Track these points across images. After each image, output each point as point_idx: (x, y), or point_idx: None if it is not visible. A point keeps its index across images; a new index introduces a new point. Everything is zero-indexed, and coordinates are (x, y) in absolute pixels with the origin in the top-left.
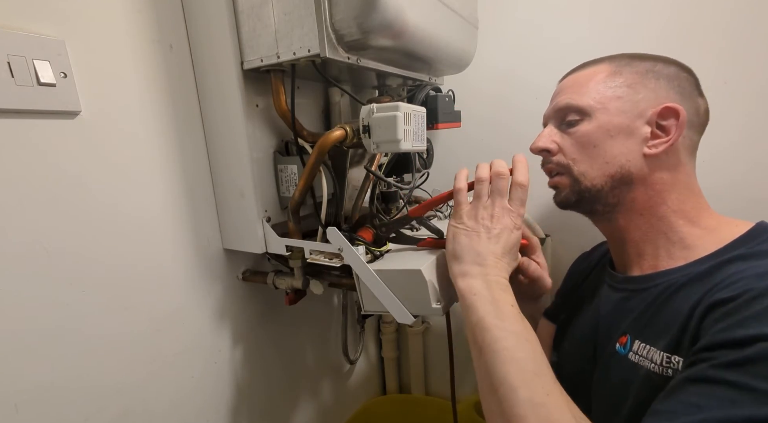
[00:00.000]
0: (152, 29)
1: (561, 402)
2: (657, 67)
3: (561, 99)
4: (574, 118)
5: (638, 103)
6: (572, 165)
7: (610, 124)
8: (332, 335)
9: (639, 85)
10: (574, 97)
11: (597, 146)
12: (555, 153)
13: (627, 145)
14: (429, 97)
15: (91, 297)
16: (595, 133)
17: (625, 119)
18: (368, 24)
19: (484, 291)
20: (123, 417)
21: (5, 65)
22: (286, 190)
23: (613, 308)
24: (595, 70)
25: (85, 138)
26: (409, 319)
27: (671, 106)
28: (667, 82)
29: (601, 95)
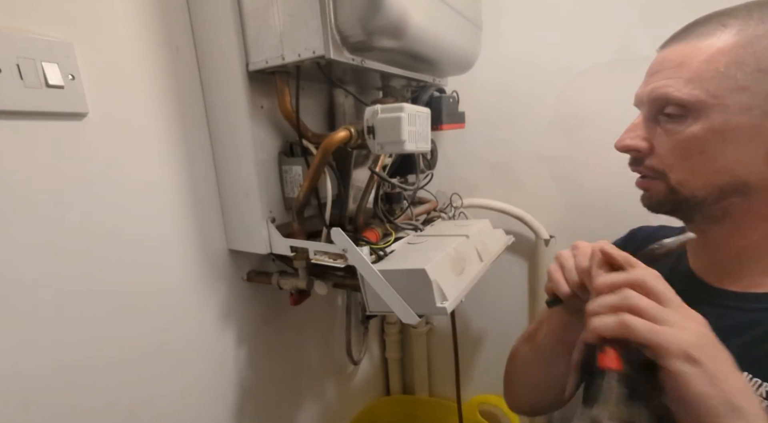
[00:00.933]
0: (159, 32)
1: None
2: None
3: (659, 84)
4: (676, 113)
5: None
6: (668, 172)
7: (727, 127)
8: (336, 336)
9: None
10: (677, 84)
11: (705, 152)
12: (646, 154)
13: (748, 151)
14: (433, 98)
15: (97, 297)
16: (705, 137)
17: (751, 118)
18: (372, 25)
19: None
20: (128, 416)
21: (14, 67)
22: (291, 190)
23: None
24: (713, 42)
25: (92, 139)
26: (413, 318)
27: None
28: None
29: (718, 86)
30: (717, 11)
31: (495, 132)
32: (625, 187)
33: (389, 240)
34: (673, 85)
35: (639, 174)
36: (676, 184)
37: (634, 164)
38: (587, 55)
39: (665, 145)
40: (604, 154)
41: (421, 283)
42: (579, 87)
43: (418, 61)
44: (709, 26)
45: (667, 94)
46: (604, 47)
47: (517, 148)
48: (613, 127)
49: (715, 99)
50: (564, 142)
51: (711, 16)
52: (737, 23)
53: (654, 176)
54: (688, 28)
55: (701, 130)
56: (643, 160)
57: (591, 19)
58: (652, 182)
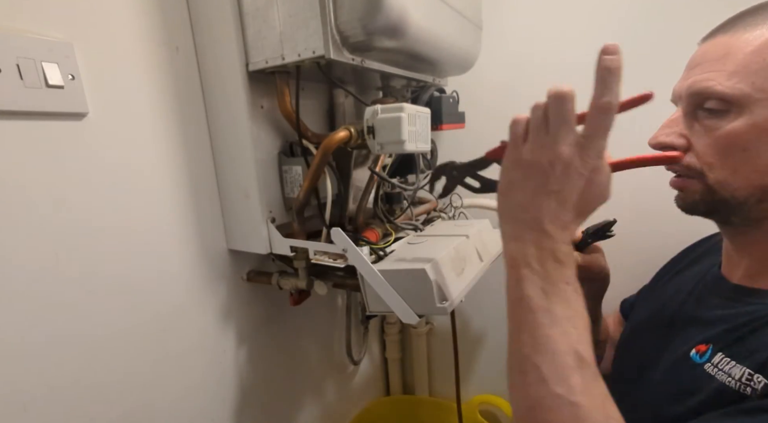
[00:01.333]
0: (159, 32)
1: (596, 402)
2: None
3: (699, 78)
4: (717, 108)
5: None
6: (707, 171)
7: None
8: (336, 336)
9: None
10: (720, 77)
11: (747, 150)
12: (683, 151)
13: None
14: (433, 98)
15: (97, 297)
16: (748, 133)
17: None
18: (372, 25)
19: (536, 263)
20: (128, 416)
21: (14, 67)
22: (291, 190)
23: (703, 313)
24: (762, 32)
25: (92, 139)
26: (413, 319)
27: None
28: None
29: (766, 79)
30: (747, 9)
31: (495, 131)
32: (626, 187)
33: (389, 240)
34: (715, 79)
35: (674, 173)
36: (715, 183)
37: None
38: (588, 53)
39: (704, 141)
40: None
41: (421, 283)
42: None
43: (418, 61)
44: (758, 17)
45: (709, 87)
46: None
47: None
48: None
49: (761, 93)
50: None
51: (759, 7)
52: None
53: (690, 175)
54: (734, 19)
55: (744, 126)
56: (679, 159)
57: (591, 17)
58: (688, 181)
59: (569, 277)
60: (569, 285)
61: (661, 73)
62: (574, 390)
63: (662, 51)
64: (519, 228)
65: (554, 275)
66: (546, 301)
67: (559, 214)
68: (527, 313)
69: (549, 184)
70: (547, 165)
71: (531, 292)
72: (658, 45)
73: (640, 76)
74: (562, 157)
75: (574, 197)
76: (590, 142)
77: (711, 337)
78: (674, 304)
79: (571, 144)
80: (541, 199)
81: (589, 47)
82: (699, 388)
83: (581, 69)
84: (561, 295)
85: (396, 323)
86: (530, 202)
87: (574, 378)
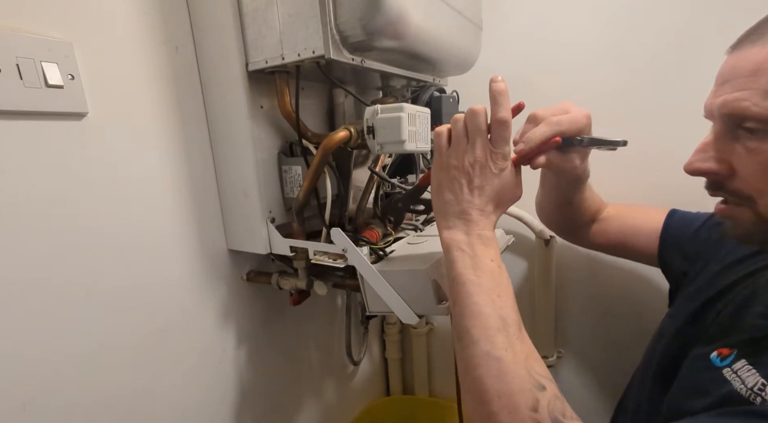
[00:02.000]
0: (158, 31)
1: (519, 358)
2: None
3: (731, 97)
4: (759, 128)
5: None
6: (757, 198)
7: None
8: (336, 336)
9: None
10: (755, 97)
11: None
12: (726, 177)
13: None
14: (433, 98)
15: (96, 298)
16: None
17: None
18: (372, 25)
19: (465, 246)
20: (128, 417)
21: (14, 67)
22: (291, 190)
23: (740, 317)
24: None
25: (92, 139)
26: (413, 319)
27: None
28: None
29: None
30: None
31: None
32: (626, 187)
33: (389, 240)
34: (750, 98)
35: (719, 199)
36: (767, 211)
37: (713, 189)
38: (591, 54)
39: (750, 166)
40: (605, 152)
41: (421, 283)
42: (578, 83)
43: (418, 60)
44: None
45: (743, 108)
46: (607, 42)
47: None
48: (614, 125)
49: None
50: None
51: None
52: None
53: (739, 202)
54: (758, 30)
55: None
56: (723, 184)
57: (591, 17)
58: (736, 209)
59: (493, 255)
60: (493, 262)
61: (661, 72)
62: (498, 347)
63: (662, 49)
64: (451, 219)
65: (480, 254)
66: (474, 275)
67: (482, 206)
68: (460, 287)
69: (471, 182)
70: (468, 166)
71: (461, 270)
72: (658, 44)
73: (640, 74)
74: (479, 159)
75: (491, 192)
76: (496, 148)
77: (737, 342)
78: (716, 291)
79: (485, 149)
80: (465, 194)
81: (589, 47)
82: (710, 391)
83: (581, 68)
84: (486, 270)
85: (396, 323)
86: (457, 197)
87: (498, 337)
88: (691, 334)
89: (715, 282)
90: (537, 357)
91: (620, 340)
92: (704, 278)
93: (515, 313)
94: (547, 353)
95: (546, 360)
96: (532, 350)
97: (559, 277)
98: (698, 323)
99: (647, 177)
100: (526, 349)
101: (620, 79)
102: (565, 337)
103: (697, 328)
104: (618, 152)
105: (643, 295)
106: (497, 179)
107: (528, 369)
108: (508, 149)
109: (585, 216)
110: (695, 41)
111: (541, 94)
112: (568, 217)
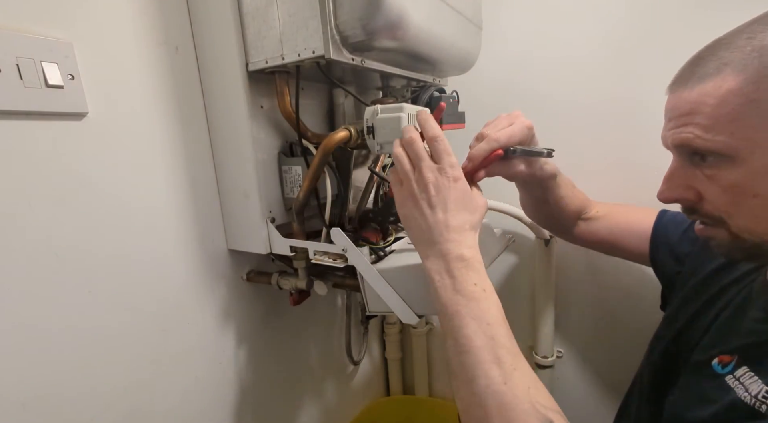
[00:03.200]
0: (158, 31)
1: (520, 391)
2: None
3: (677, 131)
4: (711, 157)
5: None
6: (727, 219)
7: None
8: (336, 336)
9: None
10: (697, 131)
11: (759, 196)
12: (696, 202)
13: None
14: (433, 98)
15: (96, 297)
16: (751, 180)
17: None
18: (372, 25)
19: (445, 274)
20: (128, 416)
21: (14, 67)
22: (291, 190)
23: (737, 321)
24: (718, 83)
25: (92, 139)
26: (413, 319)
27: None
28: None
29: (743, 126)
30: (711, 44)
31: None
32: (626, 187)
33: (389, 240)
34: (693, 132)
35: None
36: (740, 232)
37: (689, 213)
38: (590, 54)
39: (713, 191)
40: (605, 152)
41: (420, 280)
42: (577, 83)
43: (418, 61)
44: (709, 66)
45: (690, 141)
46: (606, 40)
47: None
48: (614, 125)
49: (746, 141)
50: (564, 141)
51: (705, 54)
52: (737, 57)
53: (713, 224)
54: (685, 73)
55: (745, 174)
56: (695, 208)
57: (591, 17)
58: (713, 230)
59: (476, 278)
60: (477, 286)
61: (659, 70)
62: (495, 381)
63: (661, 48)
64: (425, 248)
65: (462, 280)
66: (459, 305)
67: (450, 221)
68: (448, 319)
69: (431, 202)
70: (423, 189)
71: (446, 300)
72: (657, 42)
73: (639, 72)
74: (430, 179)
75: (454, 203)
76: (440, 162)
77: (737, 348)
78: (708, 301)
79: (432, 168)
80: (430, 217)
81: (589, 47)
82: (714, 399)
83: (581, 68)
84: (470, 296)
85: (396, 323)
86: (425, 224)
87: (494, 370)
88: (690, 338)
89: (711, 283)
90: (540, 387)
91: (620, 340)
92: (698, 279)
93: (509, 340)
94: (547, 353)
95: (546, 360)
96: (534, 380)
97: (559, 277)
98: (696, 326)
99: (648, 179)
100: (526, 380)
101: (620, 78)
102: (565, 337)
103: (696, 331)
104: (618, 154)
105: (643, 295)
106: (454, 191)
107: (532, 402)
108: (454, 160)
109: (565, 213)
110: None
111: (540, 93)
112: (549, 215)
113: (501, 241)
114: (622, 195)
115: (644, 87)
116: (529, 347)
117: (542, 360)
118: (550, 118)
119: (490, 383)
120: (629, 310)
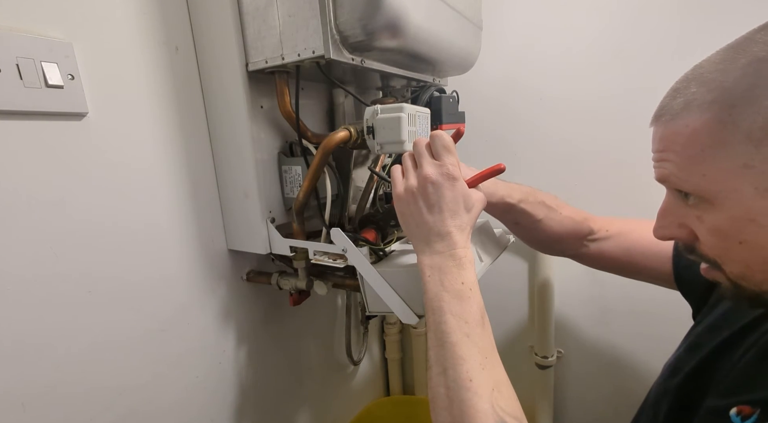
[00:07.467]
0: (158, 31)
1: (483, 389)
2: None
3: (657, 166)
4: (691, 197)
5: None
6: (721, 264)
7: (752, 212)
8: (336, 336)
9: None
10: (674, 169)
11: (745, 242)
12: (690, 241)
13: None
14: (433, 98)
15: (96, 297)
16: (733, 225)
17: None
18: (372, 25)
19: (434, 270)
20: (128, 416)
21: (14, 67)
22: (291, 190)
23: (765, 366)
24: (685, 121)
25: (92, 139)
26: (413, 319)
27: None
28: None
29: (715, 169)
30: (688, 73)
31: (495, 131)
32: (627, 187)
33: (389, 240)
34: (670, 169)
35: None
36: (736, 279)
37: (688, 253)
38: (590, 54)
39: (702, 231)
40: (607, 152)
41: (420, 283)
42: (577, 83)
43: (418, 60)
44: (675, 103)
45: (667, 178)
46: (606, 39)
47: (518, 147)
48: (614, 125)
49: (719, 184)
50: (565, 141)
51: (680, 86)
52: (701, 94)
53: (713, 266)
54: (663, 105)
55: (726, 220)
56: (692, 248)
57: (591, 17)
58: (714, 273)
59: (465, 277)
60: (464, 284)
61: (658, 67)
62: (462, 377)
63: (660, 46)
64: (419, 243)
65: (450, 278)
66: (443, 301)
67: (447, 220)
68: (431, 313)
69: (429, 200)
70: (422, 186)
71: (432, 295)
72: (657, 41)
73: (639, 70)
74: (430, 176)
75: (451, 204)
76: (440, 159)
77: (760, 400)
78: (731, 338)
79: (432, 165)
80: (427, 216)
81: (588, 46)
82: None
83: (581, 68)
84: (455, 293)
85: (396, 323)
86: (421, 221)
87: (463, 367)
88: (709, 377)
89: (738, 316)
90: (506, 391)
91: (620, 340)
92: (728, 306)
93: (483, 340)
94: (547, 353)
95: (546, 360)
96: (501, 383)
97: (560, 277)
98: (718, 364)
99: (647, 177)
100: (492, 381)
101: (620, 79)
102: (565, 337)
103: (716, 370)
104: (618, 155)
105: (643, 295)
106: (452, 190)
107: (493, 403)
108: (454, 159)
109: (555, 236)
110: (694, 43)
111: (540, 93)
112: (535, 240)
113: (501, 241)
114: (622, 194)
115: (644, 88)
116: (529, 347)
117: (542, 360)
118: (549, 118)
119: (456, 378)
120: (629, 310)
